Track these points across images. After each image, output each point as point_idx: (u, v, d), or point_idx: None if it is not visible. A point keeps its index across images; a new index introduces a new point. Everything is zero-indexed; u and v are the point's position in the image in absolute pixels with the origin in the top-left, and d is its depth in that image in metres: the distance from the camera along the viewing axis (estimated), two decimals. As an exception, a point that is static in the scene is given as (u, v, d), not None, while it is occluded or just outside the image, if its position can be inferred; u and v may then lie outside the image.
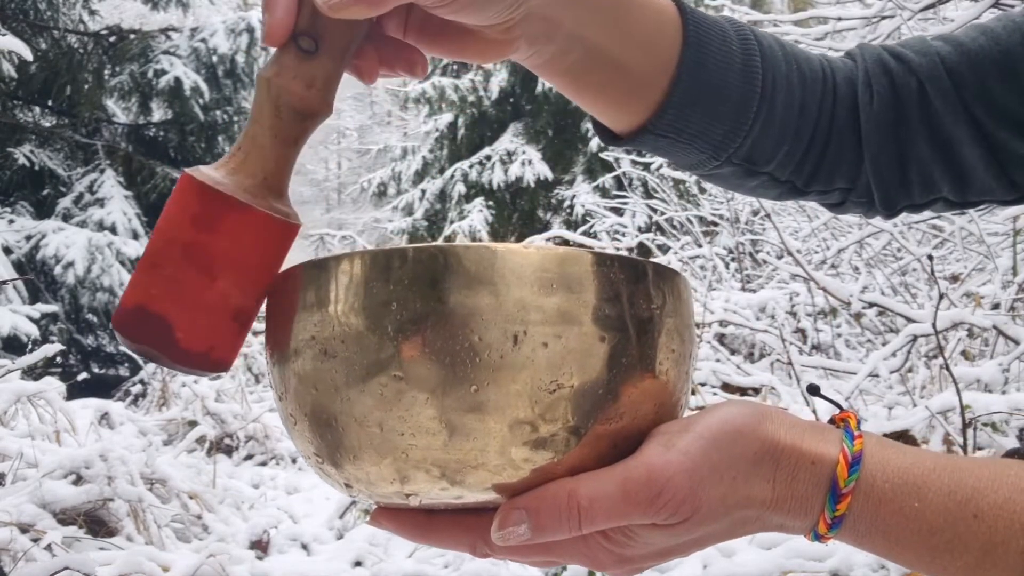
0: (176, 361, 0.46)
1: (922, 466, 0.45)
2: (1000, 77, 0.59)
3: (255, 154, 0.48)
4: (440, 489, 0.42)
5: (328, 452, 0.44)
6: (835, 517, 0.44)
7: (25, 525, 2.08)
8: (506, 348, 0.40)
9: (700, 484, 0.43)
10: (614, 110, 0.59)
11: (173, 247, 0.46)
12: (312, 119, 0.49)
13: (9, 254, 5.74)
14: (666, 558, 0.47)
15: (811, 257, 3.89)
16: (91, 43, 7.15)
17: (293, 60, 0.47)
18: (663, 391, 0.45)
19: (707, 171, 0.63)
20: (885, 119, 0.62)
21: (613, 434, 0.43)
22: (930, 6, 2.57)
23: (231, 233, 0.46)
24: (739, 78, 0.58)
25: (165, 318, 0.46)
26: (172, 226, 0.47)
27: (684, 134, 0.58)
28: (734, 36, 0.59)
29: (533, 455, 0.42)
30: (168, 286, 0.46)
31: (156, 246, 0.47)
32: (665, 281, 0.45)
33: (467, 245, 0.42)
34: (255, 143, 0.48)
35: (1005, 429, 2.07)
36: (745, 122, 0.59)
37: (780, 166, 0.62)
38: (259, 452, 3.79)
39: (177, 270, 0.46)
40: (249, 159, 0.48)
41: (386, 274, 0.41)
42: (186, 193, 0.47)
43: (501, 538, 0.43)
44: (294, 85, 0.47)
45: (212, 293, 0.46)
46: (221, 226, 0.46)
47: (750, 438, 0.44)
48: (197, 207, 0.46)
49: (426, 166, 11.49)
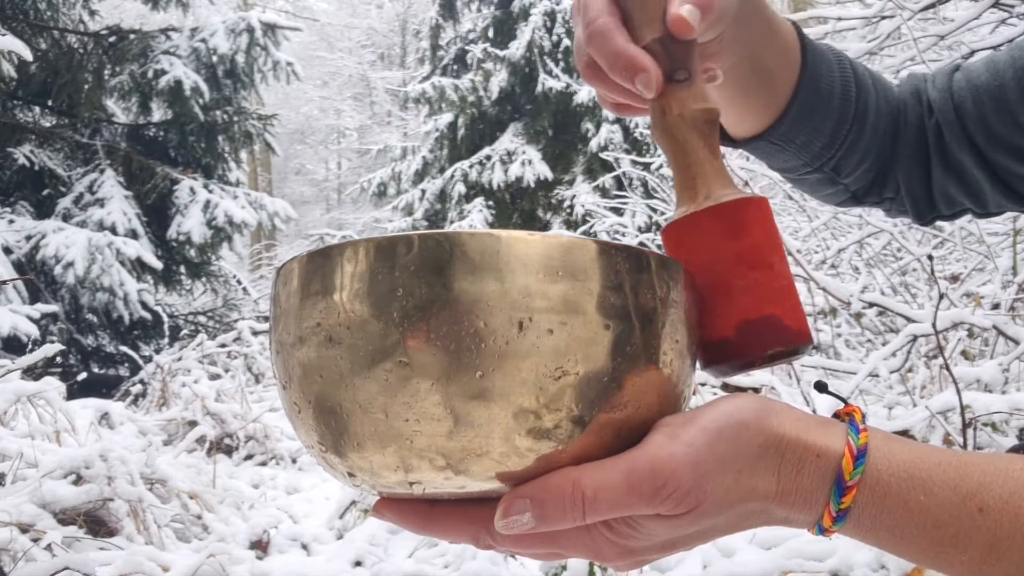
0: (798, 343, 0.51)
1: (928, 460, 0.45)
2: (994, 108, 0.67)
3: (709, 178, 0.53)
4: (444, 478, 0.42)
5: (332, 440, 0.44)
6: (840, 510, 0.44)
7: (25, 525, 2.08)
8: (511, 334, 0.40)
9: (705, 476, 0.43)
10: (749, 117, 0.67)
11: (730, 264, 0.51)
12: (717, 119, 0.54)
13: (9, 254, 5.73)
14: (670, 551, 0.47)
15: (811, 257, 3.89)
16: (91, 43, 7.14)
17: (682, 91, 0.53)
18: (667, 382, 0.45)
19: (798, 175, 0.72)
20: (912, 146, 0.72)
21: (617, 423, 0.43)
22: (930, 6, 2.57)
23: (753, 227, 0.51)
24: (839, 100, 0.67)
25: (775, 315, 0.50)
26: (714, 254, 0.51)
27: (793, 143, 0.68)
28: (835, 62, 0.68)
29: (537, 443, 0.42)
30: (758, 292, 0.50)
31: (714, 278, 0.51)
32: (669, 273, 0.45)
33: (472, 232, 0.41)
34: (702, 171, 0.53)
35: (1005, 429, 2.07)
36: (839, 138, 0.68)
37: (856, 179, 0.72)
38: (259, 452, 3.79)
39: (749, 276, 0.50)
40: (709, 186, 0.53)
41: (391, 261, 0.41)
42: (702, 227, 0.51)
43: (505, 527, 0.43)
44: (699, 106, 0.53)
45: (778, 281, 0.51)
46: (745, 226, 0.51)
47: (755, 431, 0.44)
48: (720, 226, 0.51)
49: (426, 166, 11.49)
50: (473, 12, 11.85)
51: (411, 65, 16.23)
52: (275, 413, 3.95)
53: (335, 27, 23.24)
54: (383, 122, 15.50)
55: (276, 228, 7.77)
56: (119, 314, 6.21)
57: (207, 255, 7.47)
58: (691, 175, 0.53)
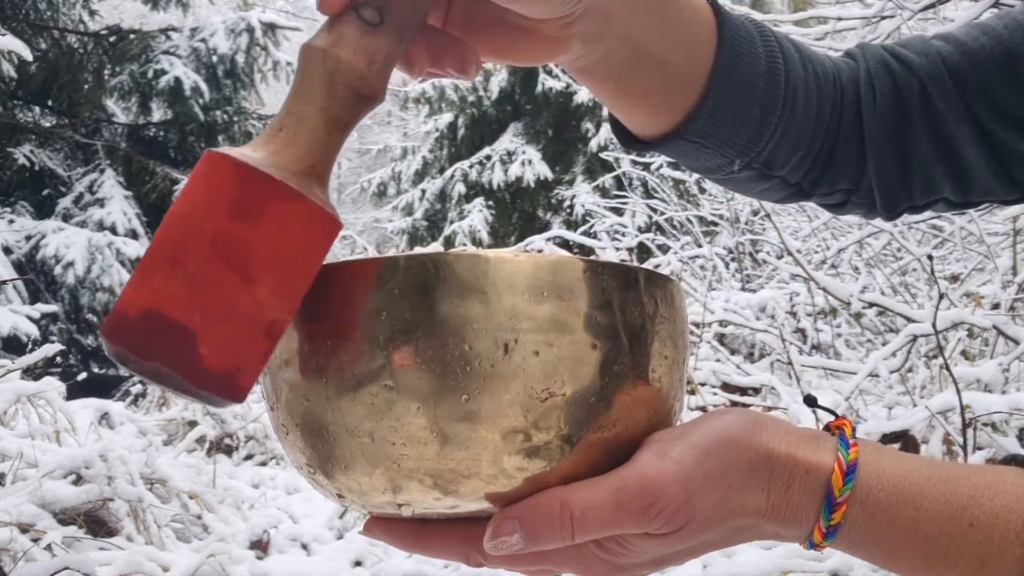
0: (192, 382, 0.38)
1: (918, 474, 0.45)
2: (1001, 76, 0.58)
3: (303, 136, 0.41)
4: (433, 499, 0.42)
5: (320, 462, 0.44)
6: (830, 526, 0.44)
7: (25, 525, 2.08)
8: (497, 356, 0.40)
9: (694, 493, 0.42)
10: (650, 115, 0.57)
11: (199, 239, 0.38)
12: (368, 102, 0.43)
13: (9, 254, 5.74)
14: (660, 567, 0.46)
15: (811, 257, 3.89)
16: (91, 43, 7.15)
17: (354, 32, 0.42)
18: (656, 398, 0.45)
19: (723, 175, 0.61)
20: (888, 120, 0.61)
21: (606, 442, 0.43)
22: (930, 6, 2.57)
23: (275, 226, 0.39)
24: (764, 81, 0.56)
25: (187, 327, 0.37)
26: (198, 213, 0.38)
27: (712, 139, 0.57)
28: (758, 37, 0.57)
29: (526, 464, 0.41)
30: (192, 287, 0.37)
31: (173, 237, 0.38)
32: (657, 288, 0.45)
33: (458, 253, 0.41)
34: (303, 123, 0.41)
35: (1005, 429, 2.07)
36: (768, 127, 0.57)
37: (793, 170, 0.61)
38: (259, 452, 3.79)
39: (204, 267, 0.37)
40: (296, 141, 0.41)
41: (377, 283, 0.41)
42: (219, 175, 0.39)
43: (494, 548, 0.42)
44: (355, 60, 0.42)
45: (248, 298, 0.38)
46: (264, 217, 0.38)
47: (744, 447, 0.44)
48: (234, 192, 0.38)
49: (426, 166, 11.49)
50: (473, 12, 11.83)
51: (411, 65, 16.16)
52: (275, 413, 3.94)
53: (335, 27, 23.18)
54: (383, 122, 15.50)
55: (276, 228, 7.76)
56: (119, 314, 6.20)
57: (207, 255, 7.46)
58: (294, 128, 0.41)
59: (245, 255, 0.38)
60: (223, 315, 0.38)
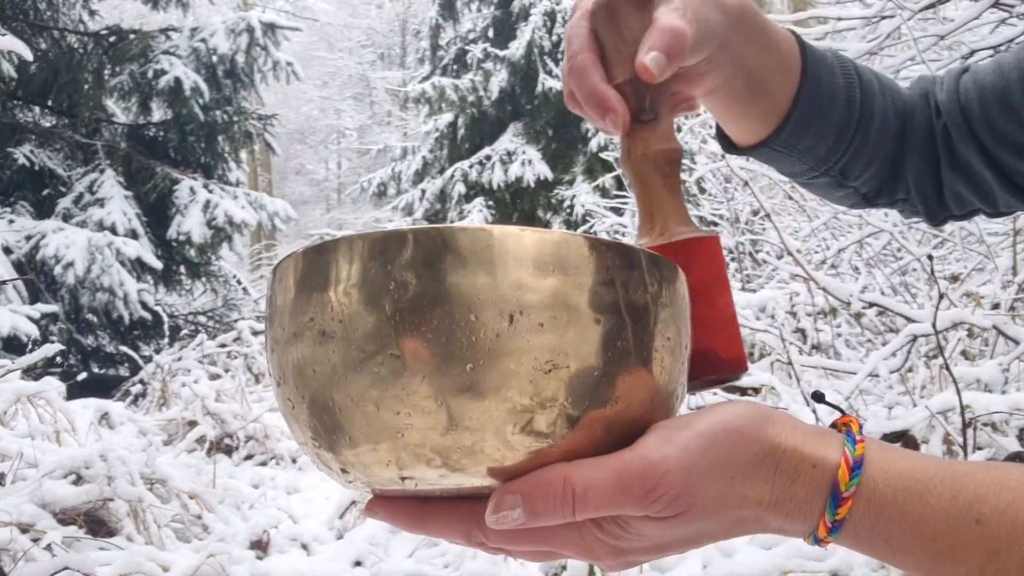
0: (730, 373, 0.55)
1: (924, 471, 0.45)
2: (999, 108, 0.68)
3: (665, 214, 0.56)
4: (436, 473, 0.43)
5: (325, 436, 0.44)
6: (835, 521, 0.44)
7: (25, 525, 2.09)
8: (502, 327, 0.41)
9: (696, 481, 0.43)
10: (749, 127, 0.68)
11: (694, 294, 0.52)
12: (677, 155, 0.57)
13: (9, 254, 5.73)
14: (661, 553, 0.47)
15: (811, 257, 3.89)
16: (91, 43, 7.14)
17: (647, 131, 0.56)
18: (658, 379, 0.45)
19: (806, 179, 0.74)
20: (921, 148, 0.73)
21: (608, 419, 0.43)
22: (930, 6, 2.57)
23: (700, 264, 0.55)
24: (843, 106, 0.68)
25: (712, 349, 0.55)
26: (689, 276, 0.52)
27: (795, 149, 0.69)
28: (839, 69, 0.69)
29: (528, 438, 0.42)
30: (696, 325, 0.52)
31: None
32: (660, 271, 0.46)
33: (464, 227, 0.42)
34: (660, 208, 0.57)
35: (1005, 429, 2.07)
36: (843, 143, 0.69)
37: (865, 182, 0.74)
38: (259, 452, 3.79)
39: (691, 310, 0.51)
40: (665, 222, 0.56)
41: (384, 256, 0.42)
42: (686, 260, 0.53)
43: (495, 522, 0.43)
44: (662, 147, 0.56)
45: (721, 313, 0.56)
46: (693, 263, 0.54)
47: (750, 439, 0.44)
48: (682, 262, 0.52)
49: (426, 166, 11.50)
50: (473, 12, 11.84)
51: (411, 65, 16.22)
52: (275, 413, 3.94)
53: (335, 27, 23.23)
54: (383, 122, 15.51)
55: (276, 228, 7.77)
56: (119, 314, 6.21)
57: (207, 255, 7.47)
58: (650, 211, 0.57)
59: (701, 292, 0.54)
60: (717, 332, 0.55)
